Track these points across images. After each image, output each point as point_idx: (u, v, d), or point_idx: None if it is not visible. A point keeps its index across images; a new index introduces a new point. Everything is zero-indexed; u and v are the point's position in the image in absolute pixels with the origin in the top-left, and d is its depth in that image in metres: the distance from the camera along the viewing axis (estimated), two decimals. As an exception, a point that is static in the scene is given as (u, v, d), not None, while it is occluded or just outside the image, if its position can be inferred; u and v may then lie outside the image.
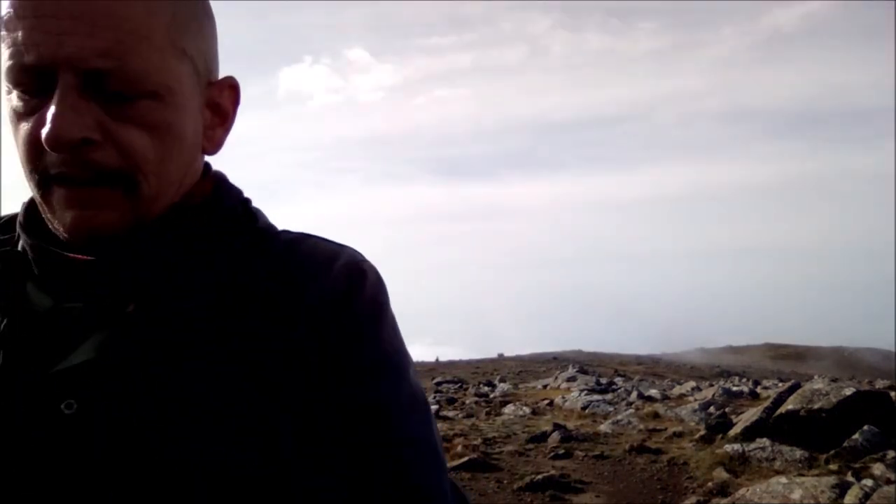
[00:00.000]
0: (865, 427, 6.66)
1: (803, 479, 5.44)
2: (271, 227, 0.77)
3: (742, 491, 5.62)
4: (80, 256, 0.66)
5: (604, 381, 20.05)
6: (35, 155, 0.62)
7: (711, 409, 9.85)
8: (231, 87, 0.74)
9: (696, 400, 11.83)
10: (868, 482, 5.22)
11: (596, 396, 13.38)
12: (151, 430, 0.61)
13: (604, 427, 9.70)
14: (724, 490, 6.00)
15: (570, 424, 10.03)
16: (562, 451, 8.01)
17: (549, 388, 18.96)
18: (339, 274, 0.70)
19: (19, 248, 0.70)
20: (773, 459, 6.63)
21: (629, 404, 12.26)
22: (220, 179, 0.76)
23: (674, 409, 10.59)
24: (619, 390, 15.66)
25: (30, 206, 0.71)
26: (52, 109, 0.59)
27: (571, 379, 20.31)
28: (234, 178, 0.80)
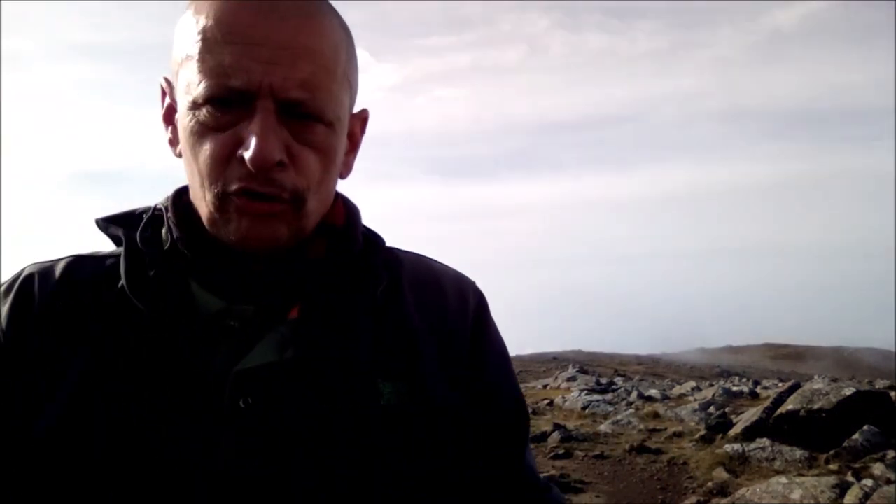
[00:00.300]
0: (865, 427, 6.66)
1: (803, 479, 5.44)
2: (390, 246, 0.88)
3: (742, 491, 5.61)
4: (252, 265, 0.73)
5: (604, 381, 20.02)
6: (221, 168, 0.67)
7: (711, 409, 9.84)
8: (363, 119, 0.82)
9: (696, 400, 11.81)
10: (868, 482, 5.22)
11: (596, 396, 13.36)
12: (329, 428, 0.69)
13: (604, 427, 9.69)
14: (724, 490, 6.00)
15: (570, 424, 10.02)
16: (562, 451, 8.00)
17: (548, 388, 18.93)
18: (475, 294, 0.87)
19: (166, 247, 0.75)
20: (773, 459, 6.63)
21: (629, 404, 12.24)
22: (349, 203, 0.84)
23: (674, 409, 10.58)
24: (619, 390, 15.64)
25: (177, 209, 0.76)
26: (255, 132, 0.65)
27: (571, 379, 20.29)
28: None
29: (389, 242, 0.87)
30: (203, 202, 0.71)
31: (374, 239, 0.83)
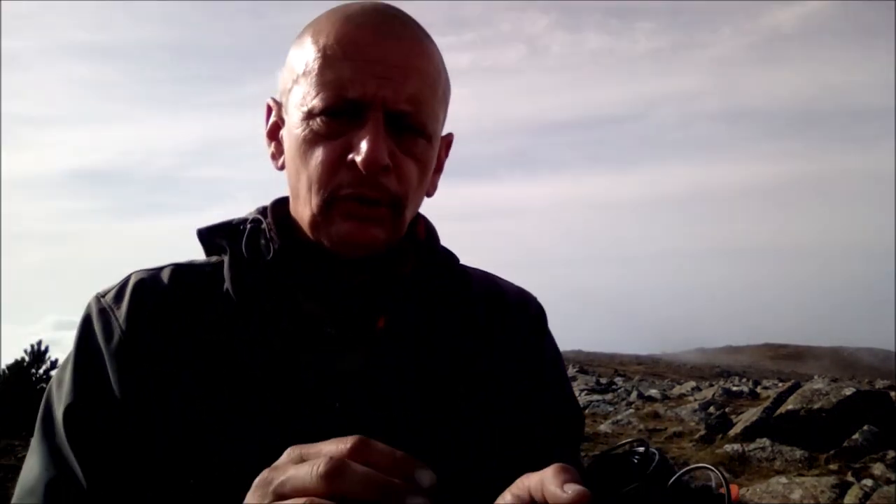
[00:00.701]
0: (865, 427, 6.66)
1: (803, 479, 5.44)
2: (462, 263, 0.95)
3: (742, 491, 5.61)
4: (352, 276, 0.79)
5: (604, 381, 20.04)
6: (331, 173, 0.73)
7: (711, 409, 9.85)
8: (449, 142, 0.88)
9: (696, 400, 11.82)
10: (868, 482, 5.22)
11: (596, 396, 13.38)
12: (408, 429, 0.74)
13: (604, 427, 9.69)
14: (724, 490, 6.00)
15: (570, 424, 10.01)
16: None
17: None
18: (536, 308, 0.93)
19: (269, 257, 0.81)
20: (773, 459, 6.63)
21: (629, 404, 12.24)
22: (429, 223, 0.91)
23: (674, 409, 10.59)
24: (619, 390, 15.65)
25: (277, 219, 0.82)
26: (366, 138, 0.70)
27: (571, 379, 20.27)
28: (234, 178, 0.85)
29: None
30: (308, 207, 0.76)
31: (450, 256, 0.90)
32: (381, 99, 0.71)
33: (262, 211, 0.85)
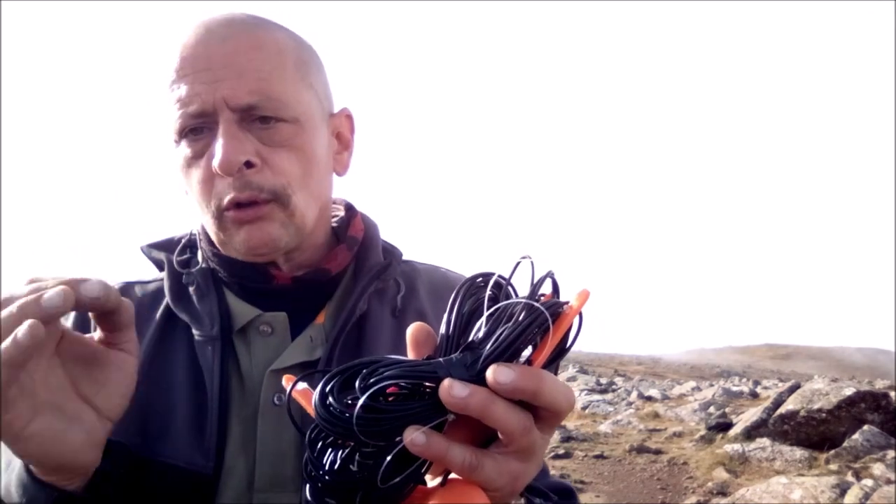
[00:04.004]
0: (865, 427, 6.65)
1: (803, 479, 5.44)
2: (407, 259, 0.96)
3: (742, 491, 5.61)
4: (281, 275, 0.81)
5: (604, 381, 20.04)
6: (209, 188, 0.75)
7: (711, 409, 9.84)
8: (347, 117, 0.88)
9: (696, 400, 11.81)
10: (868, 482, 5.22)
11: (596, 396, 13.37)
12: None
13: (604, 427, 9.69)
14: (724, 490, 6.00)
15: (570, 424, 10.02)
16: (562, 451, 8.00)
17: (549, 388, 18.87)
18: None
19: (199, 267, 0.84)
20: (773, 459, 6.63)
21: (629, 404, 12.23)
22: (368, 219, 0.93)
23: (674, 409, 10.58)
24: (619, 390, 15.65)
25: (207, 232, 0.84)
26: (218, 142, 0.71)
27: (571, 379, 20.29)
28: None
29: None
30: (210, 227, 0.79)
31: (392, 251, 0.92)
32: (222, 100, 0.71)
33: (200, 226, 0.88)
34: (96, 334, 0.65)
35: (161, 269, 0.88)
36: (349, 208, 0.94)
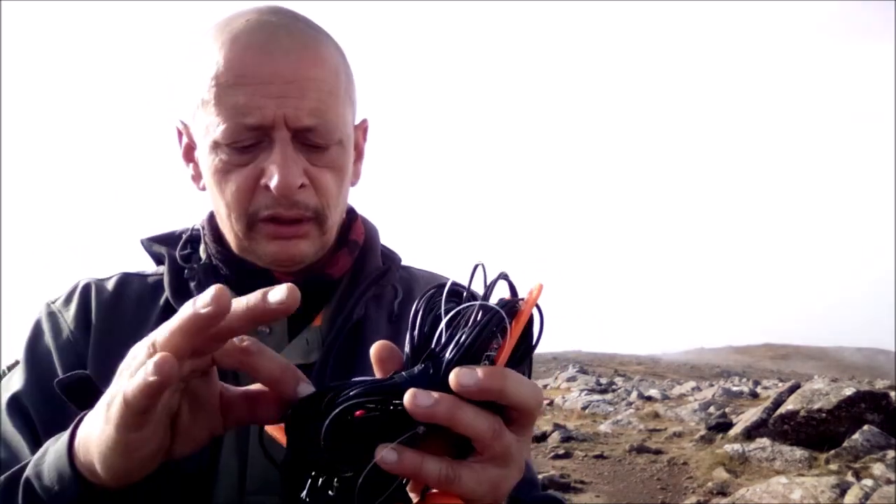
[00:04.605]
0: (865, 427, 6.65)
1: (803, 479, 5.44)
2: (405, 265, 0.95)
3: (742, 491, 5.61)
4: (283, 278, 0.79)
5: (604, 381, 20.04)
6: (248, 198, 0.74)
7: (711, 409, 9.84)
8: (364, 129, 0.88)
9: (696, 400, 11.82)
10: (868, 482, 5.22)
11: (596, 396, 13.37)
12: None
13: (604, 427, 9.69)
14: (724, 490, 6.00)
15: (570, 424, 10.02)
16: (562, 451, 8.00)
17: (548, 388, 18.93)
18: None
19: (203, 262, 0.83)
20: (773, 459, 6.63)
21: (629, 404, 12.24)
22: (368, 224, 0.93)
23: (674, 409, 10.58)
24: (619, 390, 15.65)
25: (213, 228, 0.84)
26: (276, 161, 0.71)
27: (571, 379, 20.30)
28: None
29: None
30: (230, 230, 0.78)
31: (391, 256, 0.92)
32: (283, 118, 0.71)
33: (204, 221, 0.87)
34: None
35: (160, 263, 0.87)
36: (349, 211, 0.94)
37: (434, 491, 0.49)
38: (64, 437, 0.56)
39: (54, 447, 0.56)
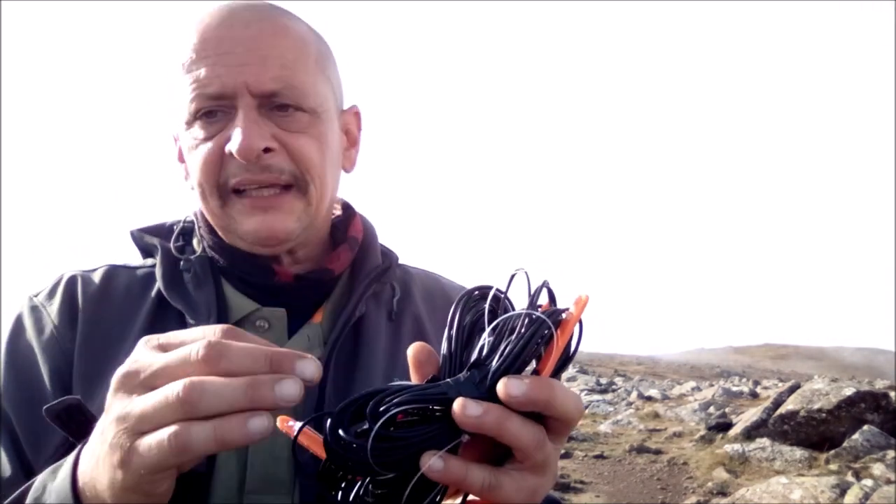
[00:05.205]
0: (865, 427, 6.65)
1: (803, 479, 5.43)
2: (402, 263, 0.95)
3: (742, 491, 5.61)
4: (283, 272, 0.79)
5: (604, 381, 20.04)
6: (216, 169, 0.73)
7: (711, 409, 9.84)
8: (356, 114, 0.88)
9: (696, 400, 11.81)
10: (868, 482, 5.21)
11: (596, 396, 13.37)
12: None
13: (604, 427, 9.68)
14: (724, 490, 5.99)
15: (570, 424, 10.00)
16: (562, 452, 7.99)
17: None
18: None
19: (199, 254, 0.82)
20: (773, 459, 6.63)
21: (629, 404, 12.24)
22: (367, 222, 0.92)
23: (674, 409, 10.58)
24: (619, 390, 15.65)
25: (207, 219, 0.81)
26: (238, 126, 0.70)
27: (571, 379, 20.29)
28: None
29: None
30: (210, 211, 0.77)
31: (389, 254, 0.91)
32: (244, 85, 0.70)
33: (197, 212, 0.85)
34: None
35: (148, 255, 0.85)
36: (347, 207, 0.93)
37: (473, 498, 0.49)
38: (65, 475, 0.53)
39: (55, 487, 0.53)
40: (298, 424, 0.48)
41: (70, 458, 0.54)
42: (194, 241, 0.85)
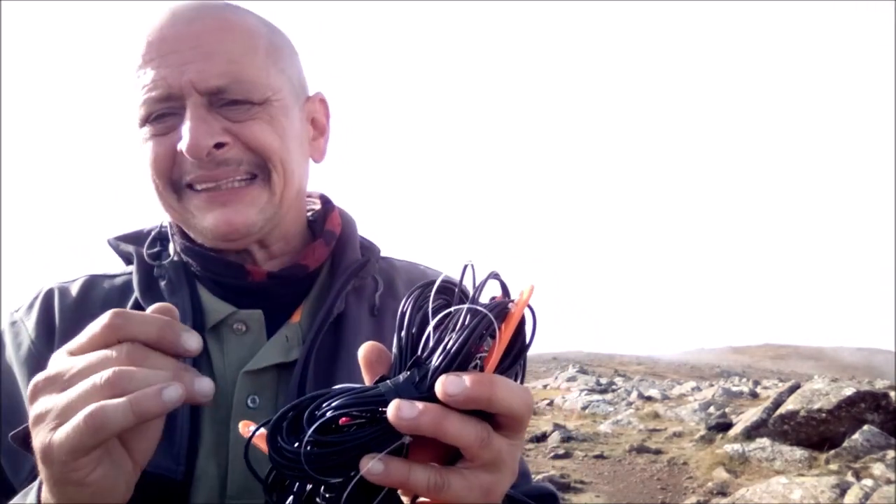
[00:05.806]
0: (865, 427, 6.65)
1: (803, 479, 5.43)
2: (385, 255, 0.93)
3: (742, 491, 5.61)
4: (257, 271, 0.78)
5: (604, 381, 20.03)
6: (168, 165, 0.72)
7: (711, 409, 9.84)
8: (321, 102, 0.85)
9: (696, 400, 11.81)
10: (868, 482, 5.21)
11: (596, 396, 13.37)
12: None
13: (604, 427, 9.68)
14: (724, 490, 5.99)
15: (570, 424, 10.01)
16: (562, 452, 7.99)
17: (549, 388, 18.93)
18: None
19: (171, 260, 0.81)
20: (773, 459, 6.62)
21: (629, 404, 12.23)
22: (345, 215, 0.90)
23: (674, 409, 10.58)
24: (619, 390, 15.64)
25: (178, 227, 0.81)
26: (186, 125, 0.69)
27: (571, 379, 20.30)
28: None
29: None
30: (168, 206, 0.75)
31: (370, 247, 0.89)
32: (190, 84, 0.69)
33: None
34: None
35: (129, 262, 0.84)
36: (325, 202, 0.90)
37: (422, 499, 0.48)
38: (32, 501, 0.55)
39: None
40: (253, 427, 0.48)
41: (37, 482, 0.55)
42: (170, 246, 0.83)
